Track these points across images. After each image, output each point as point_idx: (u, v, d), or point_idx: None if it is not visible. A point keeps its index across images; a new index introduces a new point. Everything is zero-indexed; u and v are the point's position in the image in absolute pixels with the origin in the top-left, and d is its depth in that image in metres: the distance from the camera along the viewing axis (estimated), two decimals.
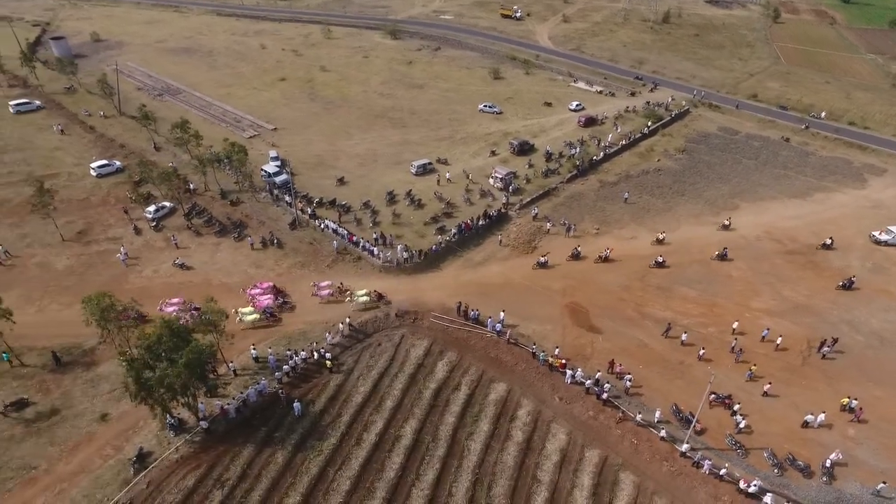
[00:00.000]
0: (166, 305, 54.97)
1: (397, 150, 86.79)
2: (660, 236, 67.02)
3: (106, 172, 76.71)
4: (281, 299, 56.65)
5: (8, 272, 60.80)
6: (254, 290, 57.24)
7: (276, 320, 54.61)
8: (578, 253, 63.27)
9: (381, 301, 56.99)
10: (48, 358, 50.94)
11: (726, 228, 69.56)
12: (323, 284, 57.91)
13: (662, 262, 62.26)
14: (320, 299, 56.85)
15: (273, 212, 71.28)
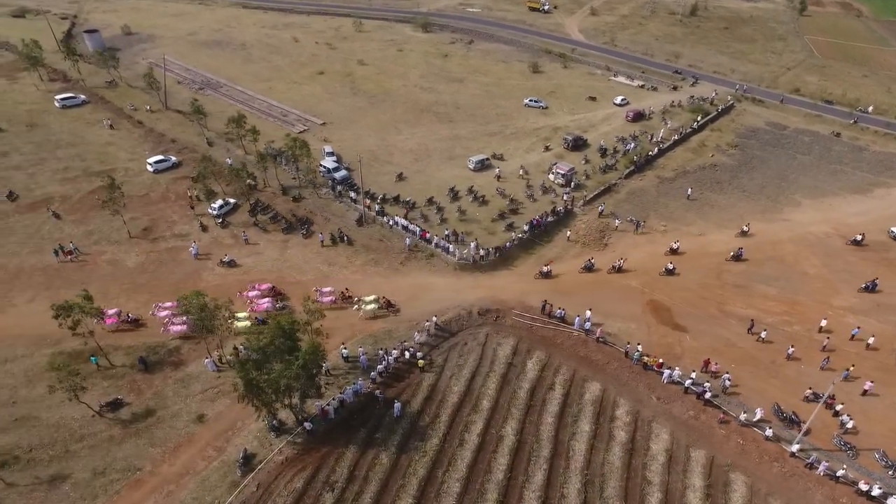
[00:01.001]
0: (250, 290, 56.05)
1: (449, 146, 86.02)
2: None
3: (163, 168, 75.93)
4: (280, 303, 55.26)
5: (80, 270, 60.19)
6: (251, 291, 55.73)
7: None
8: (592, 265, 60.83)
9: (389, 309, 55.35)
10: (135, 357, 50.39)
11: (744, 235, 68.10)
12: (325, 290, 55.81)
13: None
14: (322, 305, 54.13)
15: (336, 208, 70.62)
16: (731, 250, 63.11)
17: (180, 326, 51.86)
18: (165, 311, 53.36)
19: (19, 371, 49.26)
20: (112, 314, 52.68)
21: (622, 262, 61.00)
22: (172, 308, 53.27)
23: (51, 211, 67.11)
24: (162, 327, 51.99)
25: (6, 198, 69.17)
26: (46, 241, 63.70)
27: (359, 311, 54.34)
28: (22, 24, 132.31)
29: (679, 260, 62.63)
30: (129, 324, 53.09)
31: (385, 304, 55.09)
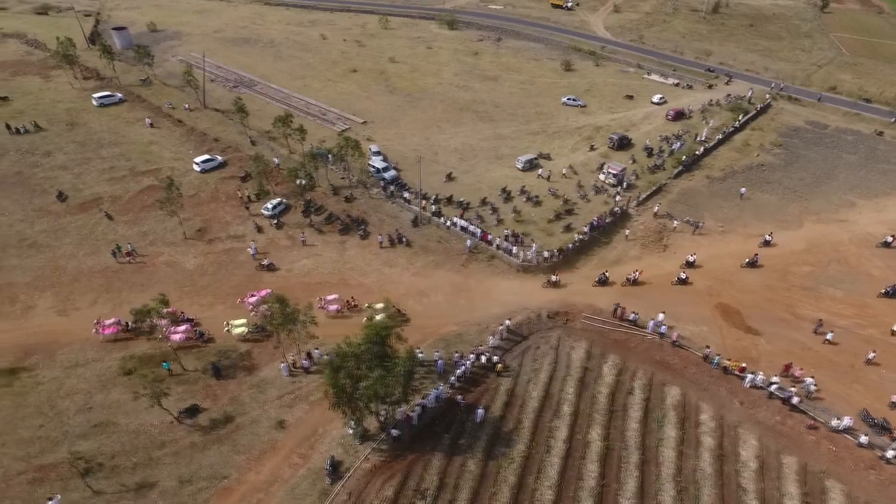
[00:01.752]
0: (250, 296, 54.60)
1: (493, 145, 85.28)
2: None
3: (210, 167, 75.11)
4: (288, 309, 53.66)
5: (139, 272, 59.48)
6: (251, 297, 54.25)
7: (267, 335, 51.49)
8: (606, 279, 59.02)
9: (401, 318, 52.93)
10: (206, 362, 49.71)
11: None
12: (330, 298, 54.34)
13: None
14: (328, 313, 53.61)
15: (389, 208, 69.95)
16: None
17: (181, 335, 50.59)
18: (163, 319, 50.22)
19: (92, 375, 48.62)
20: (111, 323, 51.48)
21: (637, 274, 59.22)
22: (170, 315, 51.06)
23: (103, 211, 66.35)
24: (162, 334, 49.94)
25: (56, 198, 68.38)
26: (101, 243, 62.96)
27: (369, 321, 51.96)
28: (46, 21, 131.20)
29: (737, 261, 61.69)
30: (126, 332, 51.76)
31: (396, 311, 52.96)
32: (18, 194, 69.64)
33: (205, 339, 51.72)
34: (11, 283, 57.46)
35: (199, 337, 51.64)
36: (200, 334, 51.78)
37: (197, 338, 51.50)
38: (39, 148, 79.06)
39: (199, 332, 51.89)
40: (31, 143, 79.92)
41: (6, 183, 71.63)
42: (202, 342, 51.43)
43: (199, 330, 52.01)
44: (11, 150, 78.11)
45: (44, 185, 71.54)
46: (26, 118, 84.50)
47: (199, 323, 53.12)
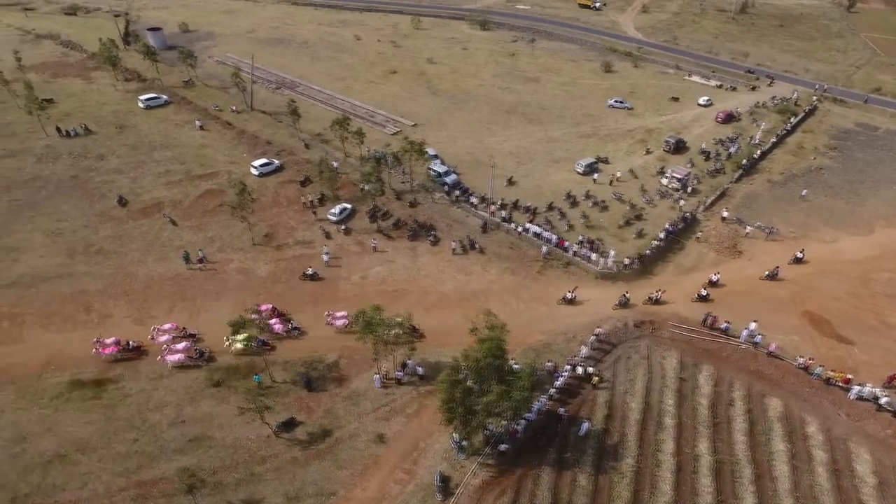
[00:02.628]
0: None
1: (548, 148, 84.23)
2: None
3: (267, 171, 73.88)
4: (290, 324, 52.48)
5: (211, 279, 58.37)
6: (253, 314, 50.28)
7: (269, 349, 50.18)
8: (627, 301, 56.24)
9: (414, 335, 50.95)
10: (294, 373, 48.62)
11: None
12: (338, 314, 52.75)
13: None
14: (335, 329, 52.30)
15: (454, 213, 68.91)
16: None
17: (178, 355, 48.41)
18: (165, 336, 50.14)
19: (179, 387, 47.57)
20: (110, 342, 49.23)
21: (660, 293, 56.83)
22: (172, 331, 50.59)
23: (167, 217, 65.15)
24: (159, 356, 48.60)
25: (117, 203, 67.16)
26: (168, 249, 61.86)
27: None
28: (77, 22, 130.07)
29: (815, 268, 60.62)
30: (129, 352, 49.31)
31: (409, 328, 50.35)
32: (77, 199, 68.48)
33: (206, 359, 49.34)
34: (84, 291, 56.32)
35: (200, 356, 49.17)
36: (200, 353, 49.36)
37: (197, 357, 49.02)
38: (91, 151, 77.93)
39: (199, 350, 49.42)
40: (82, 147, 78.73)
41: (64, 187, 70.44)
42: (202, 361, 49.10)
43: (198, 349, 49.52)
44: (64, 154, 76.93)
45: (101, 190, 70.35)
46: (74, 120, 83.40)
47: (200, 339, 51.10)
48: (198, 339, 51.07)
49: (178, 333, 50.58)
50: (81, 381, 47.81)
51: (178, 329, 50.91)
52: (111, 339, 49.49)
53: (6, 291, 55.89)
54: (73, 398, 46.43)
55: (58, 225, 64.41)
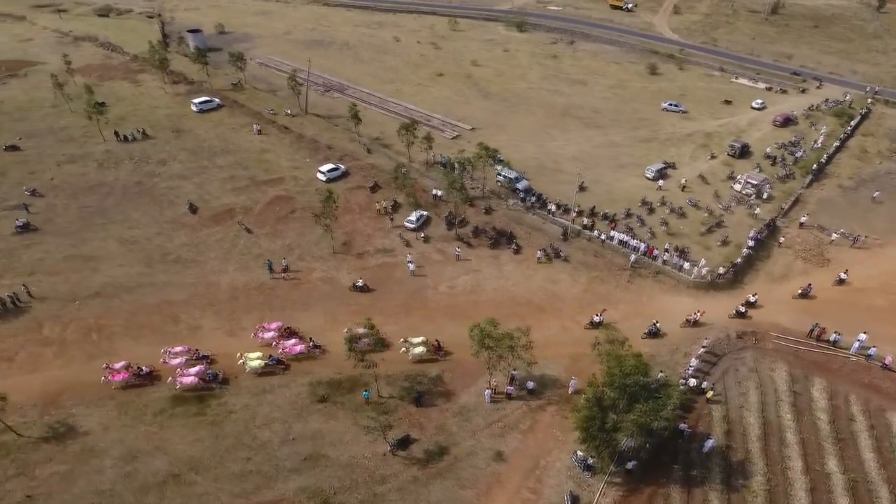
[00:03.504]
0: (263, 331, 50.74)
1: (611, 153, 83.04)
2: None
3: (335, 177, 72.54)
4: (312, 342, 50.14)
5: (296, 289, 57.12)
6: (265, 332, 50.42)
7: (284, 368, 48.68)
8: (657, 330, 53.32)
9: (438, 353, 49.98)
10: (400, 388, 47.33)
11: None
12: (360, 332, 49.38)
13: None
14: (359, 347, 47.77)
15: (530, 220, 67.66)
16: None
17: (191, 378, 46.14)
18: (178, 359, 47.77)
19: (283, 403, 46.31)
20: (120, 367, 46.71)
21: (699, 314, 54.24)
22: (184, 353, 48.30)
23: (243, 225, 63.82)
24: (171, 377, 46.33)
25: (188, 210, 65.75)
26: (248, 257, 60.56)
27: (406, 354, 49.39)
28: (112, 23, 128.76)
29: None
30: (141, 377, 46.78)
31: (434, 347, 49.85)
32: (146, 206, 67.14)
33: (219, 381, 47.06)
34: (169, 302, 55.00)
35: (213, 379, 46.86)
36: (214, 376, 47.09)
37: (210, 380, 46.70)
38: (152, 156, 76.55)
39: (212, 373, 47.10)
40: (142, 151, 77.36)
41: (130, 194, 69.12)
42: (216, 384, 46.79)
43: (212, 371, 47.26)
44: (125, 159, 75.62)
45: (168, 196, 69.01)
46: (128, 124, 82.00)
47: (213, 360, 48.85)
48: (211, 361, 48.72)
49: (190, 356, 48.13)
50: (183, 396, 46.32)
51: (190, 352, 48.45)
52: (120, 364, 46.79)
53: (90, 302, 54.52)
54: (176, 414, 45.09)
55: (131, 233, 63.04)
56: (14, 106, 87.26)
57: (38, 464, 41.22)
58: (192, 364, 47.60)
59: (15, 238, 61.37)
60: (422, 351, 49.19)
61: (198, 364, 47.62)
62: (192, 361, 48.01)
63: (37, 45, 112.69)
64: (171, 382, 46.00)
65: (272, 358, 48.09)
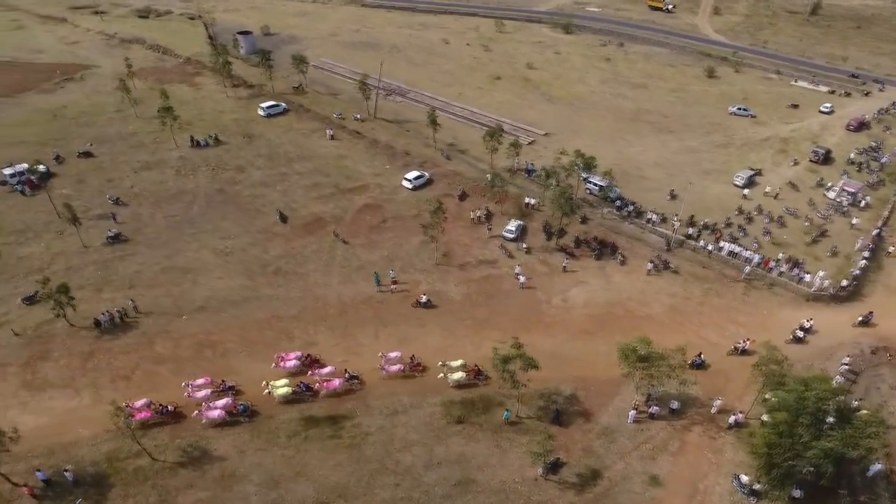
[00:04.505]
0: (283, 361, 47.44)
1: (691, 159, 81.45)
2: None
3: (420, 184, 70.71)
4: (348, 374, 46.65)
5: (405, 303, 55.73)
6: (286, 362, 47.20)
7: (313, 394, 45.63)
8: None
9: (478, 378, 47.23)
10: (537, 408, 45.59)
11: None
12: (391, 356, 47.59)
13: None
14: (386, 374, 47.09)
15: (628, 230, 65.92)
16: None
17: (217, 412, 42.81)
18: (202, 392, 44.23)
19: (418, 424, 44.57)
20: (141, 405, 43.16)
21: (747, 343, 50.48)
22: (208, 385, 45.00)
23: (339, 236, 62.02)
24: (196, 411, 42.94)
25: (278, 219, 63.89)
26: (348, 269, 58.95)
27: (445, 379, 46.64)
28: (155, 25, 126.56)
29: None
30: (165, 415, 43.37)
31: (474, 373, 47.27)
32: (234, 215, 65.31)
33: (248, 414, 43.73)
34: (278, 316, 53.24)
35: (243, 412, 43.59)
36: (244, 408, 43.76)
37: (239, 413, 43.45)
38: (228, 163, 74.68)
39: (242, 406, 43.77)
40: (217, 158, 75.46)
41: (214, 202, 67.26)
42: (245, 417, 43.58)
43: (243, 404, 43.90)
44: (201, 166, 73.76)
45: (254, 205, 67.20)
46: (195, 129, 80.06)
47: (240, 391, 45.61)
48: (237, 391, 45.52)
49: (216, 388, 44.99)
50: (314, 417, 44.62)
51: (214, 383, 45.31)
52: (141, 402, 43.24)
53: (197, 317, 52.71)
54: (311, 437, 43.31)
55: (224, 243, 61.21)
56: (78, 111, 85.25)
57: (179, 490, 39.40)
58: (218, 396, 44.47)
59: (107, 249, 59.41)
60: (461, 376, 46.42)
61: (223, 396, 44.42)
62: (217, 393, 44.81)
63: (84, 47, 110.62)
64: (196, 417, 42.73)
65: (301, 384, 45.31)
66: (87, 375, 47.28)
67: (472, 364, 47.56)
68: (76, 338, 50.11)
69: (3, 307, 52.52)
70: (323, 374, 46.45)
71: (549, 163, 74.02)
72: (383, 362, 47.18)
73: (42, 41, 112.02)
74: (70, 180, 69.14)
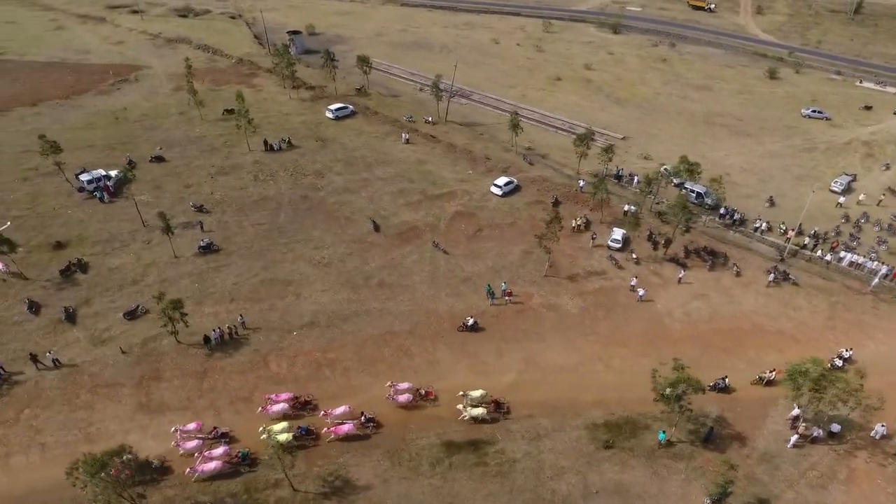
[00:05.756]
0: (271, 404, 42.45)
1: (779, 164, 79.07)
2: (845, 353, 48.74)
3: (509, 190, 67.94)
4: (364, 416, 42.06)
5: (521, 317, 52.97)
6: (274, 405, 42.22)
7: (314, 438, 41.19)
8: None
9: (498, 411, 43.48)
10: (687, 431, 42.83)
11: None
12: (402, 387, 43.87)
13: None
14: (396, 404, 43.32)
15: (733, 239, 63.25)
16: None
17: (214, 463, 38.08)
18: (194, 442, 39.42)
19: (565, 449, 42.28)
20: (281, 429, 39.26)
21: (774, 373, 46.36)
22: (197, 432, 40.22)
23: (438, 247, 59.21)
24: (189, 468, 37.86)
25: (372, 229, 61.03)
26: (455, 281, 56.53)
27: (464, 411, 42.68)
28: (198, 24, 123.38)
29: None
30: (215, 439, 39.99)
31: (493, 405, 43.48)
32: (324, 223, 62.61)
33: (248, 462, 39.13)
34: (393, 332, 50.53)
35: (243, 460, 39.06)
36: (244, 456, 39.16)
37: (239, 461, 38.98)
38: (305, 167, 71.81)
39: (242, 453, 39.16)
40: (293, 162, 72.60)
41: (300, 210, 64.48)
42: (246, 466, 39.06)
43: (242, 451, 39.29)
44: (279, 171, 70.94)
45: (343, 212, 64.43)
46: (264, 133, 77.16)
47: (234, 438, 40.85)
48: (231, 437, 40.78)
49: (208, 434, 40.31)
50: (454, 442, 41.88)
51: (205, 430, 40.67)
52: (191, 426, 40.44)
53: (308, 333, 49.97)
54: (455, 464, 40.59)
55: (319, 253, 58.43)
56: (140, 113, 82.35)
57: None
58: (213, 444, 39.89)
59: (199, 259, 56.56)
60: (481, 412, 42.51)
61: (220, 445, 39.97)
62: (210, 441, 40.21)
63: (130, 47, 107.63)
64: (188, 474, 37.67)
65: (301, 428, 40.73)
66: (204, 397, 44.43)
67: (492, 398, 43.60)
68: (186, 356, 47.22)
69: (103, 322, 49.49)
70: (335, 416, 41.48)
71: (633, 168, 71.60)
72: (392, 392, 43.32)
73: (87, 41, 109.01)
74: (147, 186, 66.23)
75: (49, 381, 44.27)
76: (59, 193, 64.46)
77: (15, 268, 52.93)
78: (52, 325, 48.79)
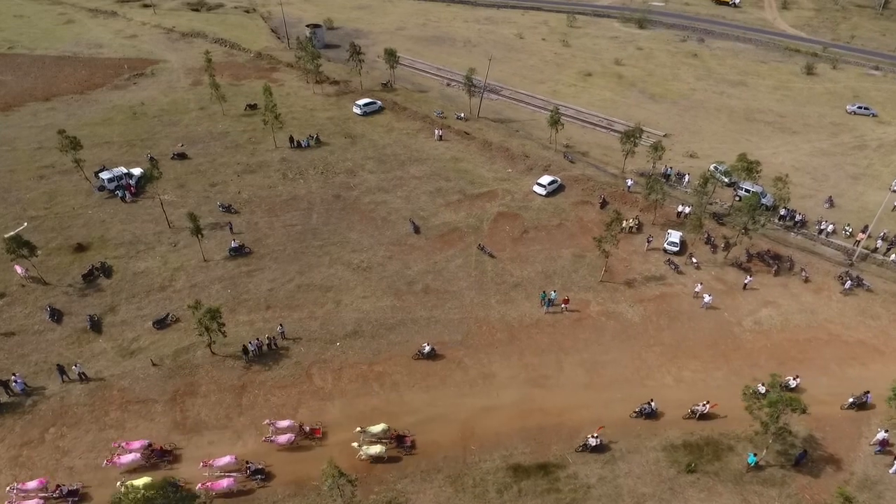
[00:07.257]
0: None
1: (831, 162, 75.25)
2: None
3: (553, 190, 63.99)
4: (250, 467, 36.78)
5: (580, 325, 49.26)
6: (123, 455, 36.34)
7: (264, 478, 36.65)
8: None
9: (400, 446, 38.53)
10: (776, 452, 38.86)
11: None
12: (282, 425, 38.38)
13: None
14: (277, 446, 37.97)
15: (796, 241, 59.56)
16: None
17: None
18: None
19: (643, 474, 39.40)
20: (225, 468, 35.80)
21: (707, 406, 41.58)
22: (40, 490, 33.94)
23: (485, 250, 55.33)
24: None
25: (412, 230, 57.16)
26: (505, 287, 52.96)
27: (358, 450, 37.64)
28: (213, 18, 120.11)
29: None
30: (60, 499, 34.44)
31: (394, 438, 38.72)
32: (359, 224, 58.82)
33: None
34: (443, 343, 47.51)
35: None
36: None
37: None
38: (335, 165, 67.98)
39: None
40: (322, 160, 68.76)
41: (333, 210, 60.57)
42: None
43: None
44: (307, 169, 67.12)
45: (379, 213, 60.58)
46: (291, 129, 73.44)
47: (85, 495, 35.26)
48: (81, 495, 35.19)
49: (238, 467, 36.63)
50: (522, 465, 38.09)
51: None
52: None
53: (352, 343, 46.17)
54: (525, 490, 36.91)
55: (357, 257, 54.58)
56: (158, 108, 78.57)
57: None
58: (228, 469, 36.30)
59: (230, 263, 52.74)
60: (380, 450, 37.40)
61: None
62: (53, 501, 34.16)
63: (144, 41, 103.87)
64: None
65: (170, 484, 32.57)
66: (244, 414, 40.66)
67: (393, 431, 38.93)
68: (222, 368, 43.37)
69: (131, 332, 45.69)
70: (217, 467, 36.09)
71: (680, 166, 67.89)
72: (271, 431, 38.04)
73: (99, 35, 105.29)
74: (170, 185, 62.38)
75: (75, 397, 40.44)
76: (78, 192, 60.66)
77: (35, 272, 48.97)
78: (76, 334, 44.98)
